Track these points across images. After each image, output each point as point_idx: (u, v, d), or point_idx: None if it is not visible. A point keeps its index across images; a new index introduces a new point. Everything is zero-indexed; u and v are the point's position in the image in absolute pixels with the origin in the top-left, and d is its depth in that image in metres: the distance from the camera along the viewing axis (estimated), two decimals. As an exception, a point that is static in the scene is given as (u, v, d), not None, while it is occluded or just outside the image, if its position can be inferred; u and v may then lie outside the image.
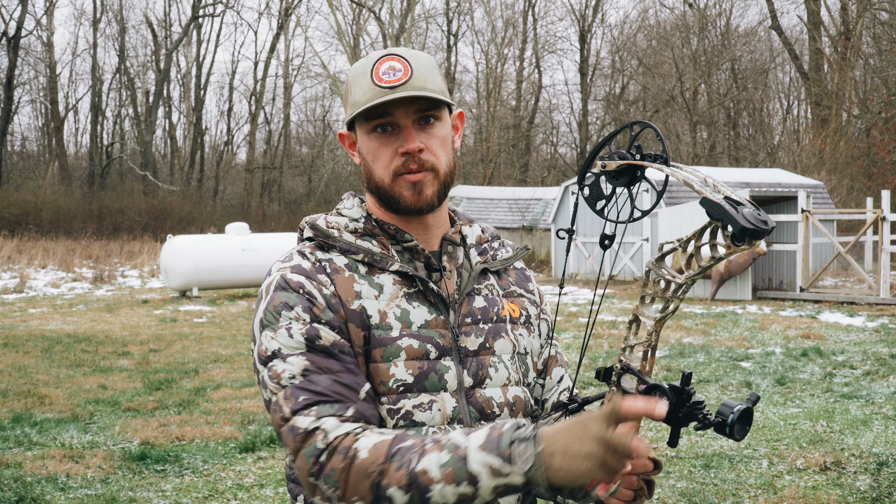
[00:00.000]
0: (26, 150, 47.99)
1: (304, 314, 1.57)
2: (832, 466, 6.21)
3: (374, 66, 1.64)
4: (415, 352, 1.63)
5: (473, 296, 1.74)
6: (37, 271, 25.28)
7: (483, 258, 1.79)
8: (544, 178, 43.39)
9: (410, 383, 1.61)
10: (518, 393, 1.73)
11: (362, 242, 1.68)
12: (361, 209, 1.74)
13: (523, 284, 1.86)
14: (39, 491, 5.78)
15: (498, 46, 45.15)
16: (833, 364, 10.11)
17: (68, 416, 7.90)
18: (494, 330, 1.73)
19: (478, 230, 1.83)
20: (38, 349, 11.67)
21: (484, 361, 1.69)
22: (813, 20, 38.23)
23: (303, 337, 1.55)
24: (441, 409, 1.63)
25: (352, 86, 1.67)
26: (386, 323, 1.63)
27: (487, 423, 1.66)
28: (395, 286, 1.66)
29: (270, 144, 48.53)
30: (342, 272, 1.65)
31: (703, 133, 41.72)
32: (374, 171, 1.67)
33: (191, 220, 36.86)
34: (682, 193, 21.45)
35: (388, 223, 1.71)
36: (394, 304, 1.65)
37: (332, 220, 1.72)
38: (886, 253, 16.51)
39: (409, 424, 1.61)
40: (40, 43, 45.07)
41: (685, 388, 1.42)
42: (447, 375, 1.64)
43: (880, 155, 32.59)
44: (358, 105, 1.64)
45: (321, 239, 1.68)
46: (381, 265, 1.66)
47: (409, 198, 1.66)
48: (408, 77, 1.63)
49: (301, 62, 48.04)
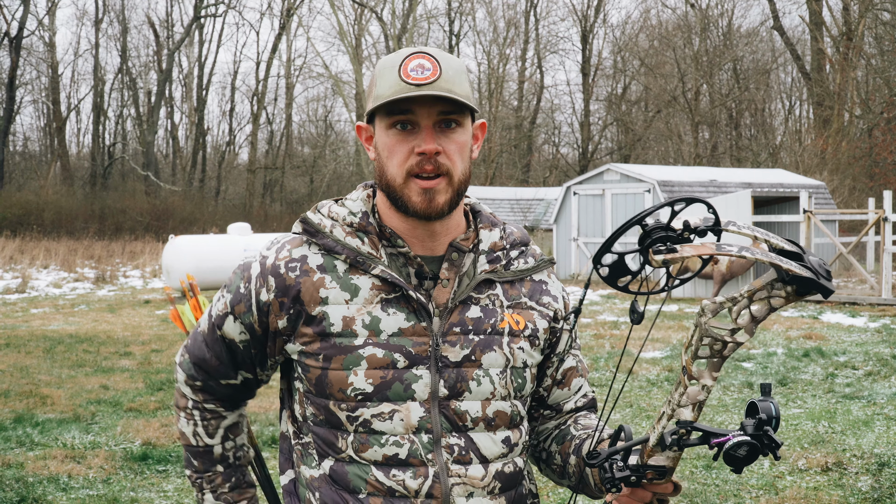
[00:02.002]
0: (28, 150, 48.06)
1: (228, 304, 1.72)
2: (834, 467, 6.21)
3: (404, 61, 1.60)
4: (378, 361, 1.61)
5: (469, 305, 1.68)
6: (39, 271, 25.30)
7: (491, 267, 1.71)
8: (546, 179, 43.38)
9: (370, 392, 1.61)
10: (502, 408, 1.68)
11: (351, 240, 1.66)
12: (365, 203, 1.71)
13: (537, 297, 1.76)
14: (41, 491, 5.78)
15: (500, 47, 45.16)
16: (835, 364, 10.10)
17: (70, 416, 7.90)
18: (485, 342, 1.67)
19: (496, 236, 1.75)
20: (39, 349, 11.68)
21: (465, 374, 1.65)
22: (815, 20, 38.20)
23: (216, 314, 1.75)
24: (404, 418, 1.61)
25: (377, 78, 1.63)
26: (350, 330, 1.62)
27: (459, 434, 1.65)
28: (373, 291, 1.64)
29: (272, 145, 48.55)
30: (312, 273, 1.65)
31: (705, 133, 41.71)
32: (387, 168, 1.63)
33: (192, 220, 36.88)
34: (684, 193, 21.42)
35: (386, 226, 1.68)
36: (365, 311, 1.63)
37: (334, 210, 1.71)
38: (888, 253, 16.49)
39: (369, 432, 1.61)
40: (42, 43, 45.14)
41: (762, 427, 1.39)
42: (416, 385, 1.62)
43: (882, 155, 32.56)
44: (381, 98, 1.60)
45: (308, 235, 1.68)
46: (363, 267, 1.64)
47: (419, 203, 1.62)
48: (436, 77, 1.59)
49: (303, 62, 48.07)
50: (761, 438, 1.38)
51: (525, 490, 1.76)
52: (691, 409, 1.37)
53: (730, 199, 18.78)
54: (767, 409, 1.40)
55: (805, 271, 1.26)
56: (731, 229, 1.32)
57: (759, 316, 1.31)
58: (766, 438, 1.38)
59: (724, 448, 1.37)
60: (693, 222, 1.32)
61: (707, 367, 1.35)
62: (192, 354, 1.78)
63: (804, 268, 1.27)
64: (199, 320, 1.81)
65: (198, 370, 1.78)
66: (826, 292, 1.27)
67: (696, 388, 1.37)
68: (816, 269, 1.27)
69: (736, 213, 18.57)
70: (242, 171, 48.06)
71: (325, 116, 49.38)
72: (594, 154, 44.93)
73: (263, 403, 8.18)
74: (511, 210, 31.49)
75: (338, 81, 39.87)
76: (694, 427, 1.38)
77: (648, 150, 43.53)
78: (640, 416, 7.79)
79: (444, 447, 1.64)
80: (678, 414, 1.38)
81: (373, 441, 1.62)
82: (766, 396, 1.42)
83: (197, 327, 1.79)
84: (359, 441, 1.63)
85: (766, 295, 1.31)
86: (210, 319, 1.75)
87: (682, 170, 24.47)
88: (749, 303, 1.31)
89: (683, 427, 1.38)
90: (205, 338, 1.76)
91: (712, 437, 1.39)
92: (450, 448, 1.64)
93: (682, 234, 1.30)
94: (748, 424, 1.39)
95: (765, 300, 1.31)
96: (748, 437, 1.37)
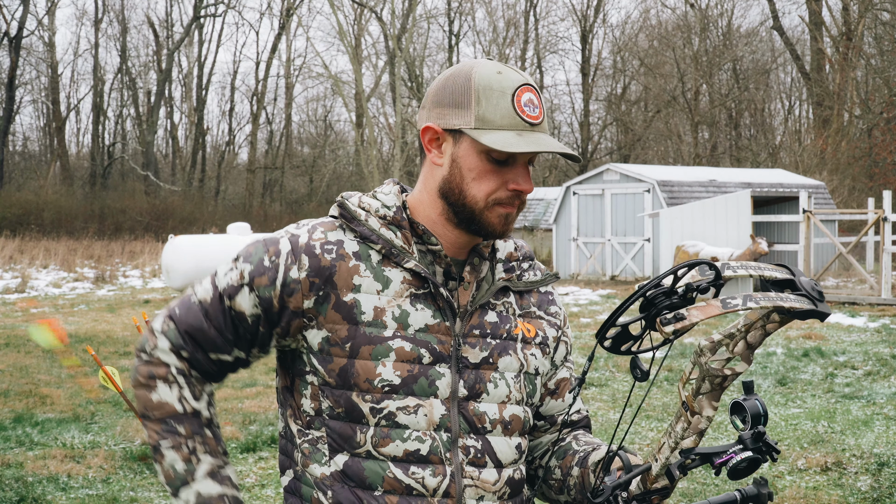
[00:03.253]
0: (28, 150, 48.06)
1: (247, 274, 1.65)
2: (833, 467, 6.21)
3: (516, 92, 1.61)
4: (406, 354, 1.62)
5: (487, 309, 1.71)
6: (38, 271, 25.29)
7: (508, 276, 1.75)
8: (546, 179, 43.38)
9: (396, 385, 1.61)
10: (517, 412, 1.71)
11: (386, 232, 1.66)
12: (398, 198, 1.71)
13: (545, 307, 1.82)
14: (41, 491, 5.78)
15: (499, 47, 45.15)
16: (834, 364, 10.10)
17: (69, 416, 7.90)
18: (502, 346, 1.70)
19: (511, 247, 1.79)
20: (39, 349, 11.68)
21: (483, 375, 1.67)
22: (814, 20, 38.21)
23: (226, 284, 1.65)
24: (427, 414, 1.62)
25: (481, 96, 1.60)
26: (381, 321, 1.62)
27: (477, 436, 1.66)
28: (404, 284, 1.65)
29: (272, 144, 48.54)
30: (348, 259, 1.64)
31: (704, 133, 41.71)
32: (469, 190, 1.63)
33: (192, 220, 36.87)
34: (684, 193, 21.45)
35: (419, 223, 1.68)
36: (395, 303, 1.63)
37: (365, 201, 1.70)
38: (888, 253, 16.49)
39: (392, 426, 1.61)
40: (42, 43, 45.13)
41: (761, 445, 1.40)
42: (439, 382, 1.63)
43: (882, 155, 32.57)
44: (491, 123, 1.59)
45: (344, 221, 1.67)
46: (396, 259, 1.64)
47: (498, 227, 1.65)
48: (542, 117, 1.64)
49: (303, 62, 48.05)
50: (761, 449, 1.40)
51: (525, 497, 1.78)
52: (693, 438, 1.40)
53: (729, 199, 18.78)
54: (754, 408, 1.41)
55: (804, 302, 1.27)
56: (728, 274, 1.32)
57: (754, 343, 1.33)
58: (765, 446, 1.40)
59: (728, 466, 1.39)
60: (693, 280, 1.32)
61: (707, 398, 1.37)
62: (183, 322, 1.66)
63: (801, 297, 1.28)
64: (195, 289, 1.69)
65: (187, 339, 1.66)
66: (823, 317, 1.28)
67: (698, 419, 1.38)
68: (810, 294, 1.28)
69: (736, 213, 18.57)
70: (242, 171, 48.06)
71: (324, 116, 49.39)
72: (594, 154, 44.93)
73: (263, 403, 8.18)
74: (511, 210, 31.48)
75: (337, 81, 39.85)
76: (696, 453, 1.40)
77: (648, 150, 43.54)
78: (640, 415, 7.79)
79: (461, 448, 1.64)
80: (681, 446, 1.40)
81: (395, 435, 1.61)
82: (749, 394, 1.43)
83: (190, 297, 1.68)
84: (380, 435, 1.61)
85: (762, 324, 1.32)
86: (215, 289, 1.66)
87: (681, 170, 24.47)
88: (745, 335, 1.33)
89: (687, 457, 1.40)
90: (205, 307, 1.66)
91: (714, 458, 1.40)
92: (466, 449, 1.65)
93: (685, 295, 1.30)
94: (746, 438, 1.41)
95: (760, 328, 1.33)
96: (750, 451, 1.39)
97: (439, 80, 1.68)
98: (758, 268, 1.32)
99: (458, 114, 1.62)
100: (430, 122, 1.66)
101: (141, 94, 47.31)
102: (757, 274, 1.32)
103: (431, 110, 1.66)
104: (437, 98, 1.66)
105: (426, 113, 1.68)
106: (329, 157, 45.73)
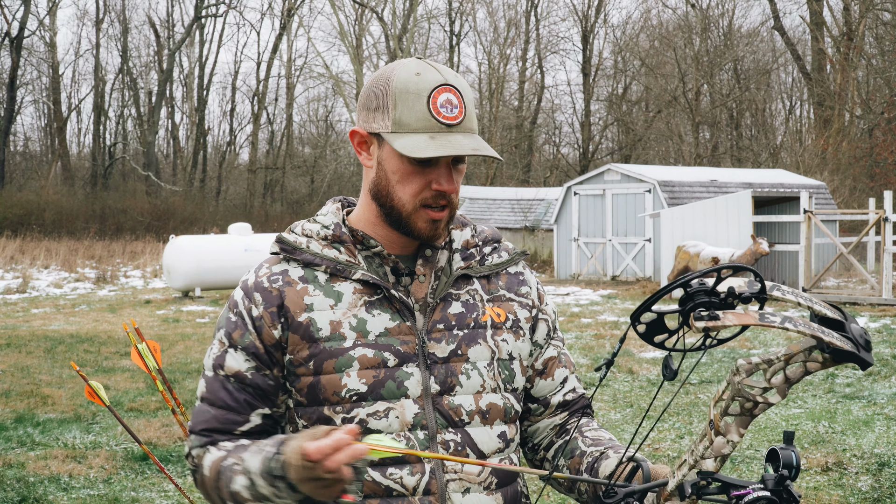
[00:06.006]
0: (29, 150, 48.06)
1: (224, 338, 1.69)
2: (834, 467, 6.21)
3: (432, 93, 1.60)
4: (369, 361, 1.64)
5: (450, 301, 1.72)
6: (39, 271, 25.31)
7: (466, 263, 1.75)
8: (547, 179, 43.35)
9: (364, 392, 1.63)
10: (494, 400, 1.71)
11: (328, 251, 1.69)
12: (336, 216, 1.74)
13: (515, 289, 1.81)
14: (42, 491, 5.79)
15: (500, 47, 45.17)
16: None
17: (71, 416, 7.91)
18: (470, 336, 1.71)
19: (468, 234, 1.79)
20: (40, 349, 11.69)
21: (454, 368, 1.68)
22: (815, 20, 38.20)
23: (212, 361, 1.70)
24: (399, 416, 1.64)
25: (397, 99, 1.61)
26: (339, 333, 1.64)
27: (456, 429, 1.67)
28: (356, 295, 1.67)
29: (273, 145, 48.56)
30: (294, 284, 1.67)
31: (705, 133, 41.70)
32: (395, 192, 1.65)
33: (193, 220, 36.88)
34: (685, 194, 21.45)
35: (357, 229, 1.71)
36: (350, 314, 1.66)
37: (307, 227, 1.74)
38: (889, 253, 16.49)
39: (365, 432, 1.62)
40: (43, 43, 45.16)
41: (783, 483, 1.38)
42: (408, 382, 1.65)
43: (883, 155, 32.56)
44: (406, 127, 1.60)
45: (286, 253, 1.71)
46: (343, 274, 1.67)
47: (425, 230, 1.66)
48: (462, 116, 1.62)
49: (303, 62, 48.05)
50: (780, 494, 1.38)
51: (519, 489, 1.77)
52: (714, 461, 1.38)
53: (730, 200, 18.78)
54: (788, 459, 1.40)
55: (846, 343, 1.25)
56: (776, 294, 1.30)
57: (793, 378, 1.31)
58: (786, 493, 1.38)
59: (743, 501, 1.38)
60: (738, 287, 1.31)
61: (735, 423, 1.36)
62: (197, 424, 1.69)
63: (845, 338, 1.26)
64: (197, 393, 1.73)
65: (207, 434, 1.68)
66: (864, 365, 1.26)
67: (722, 441, 1.36)
68: (857, 340, 1.26)
69: (737, 213, 18.57)
70: (243, 172, 48.06)
71: (325, 116, 49.39)
72: (595, 154, 44.92)
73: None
74: (511, 210, 31.47)
75: (338, 81, 39.87)
76: (715, 478, 1.39)
77: (649, 151, 43.53)
78: (640, 415, 7.79)
79: (440, 443, 1.66)
80: (700, 465, 1.39)
81: None
82: (788, 444, 1.42)
83: (194, 407, 1.73)
84: None
85: (802, 359, 1.30)
86: (209, 374, 1.70)
87: (682, 170, 24.47)
88: (785, 365, 1.31)
89: (705, 479, 1.39)
90: (205, 397, 1.69)
91: (732, 489, 1.39)
92: (445, 444, 1.66)
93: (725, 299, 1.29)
94: (769, 479, 1.39)
95: (801, 363, 1.30)
96: (768, 492, 1.38)
97: (366, 83, 1.70)
98: (808, 299, 1.31)
99: (378, 117, 1.64)
100: (358, 125, 1.70)
101: (142, 94, 47.33)
102: (806, 304, 1.30)
103: (359, 113, 1.70)
104: (363, 101, 1.69)
105: (356, 116, 1.72)
106: (330, 158, 45.72)
